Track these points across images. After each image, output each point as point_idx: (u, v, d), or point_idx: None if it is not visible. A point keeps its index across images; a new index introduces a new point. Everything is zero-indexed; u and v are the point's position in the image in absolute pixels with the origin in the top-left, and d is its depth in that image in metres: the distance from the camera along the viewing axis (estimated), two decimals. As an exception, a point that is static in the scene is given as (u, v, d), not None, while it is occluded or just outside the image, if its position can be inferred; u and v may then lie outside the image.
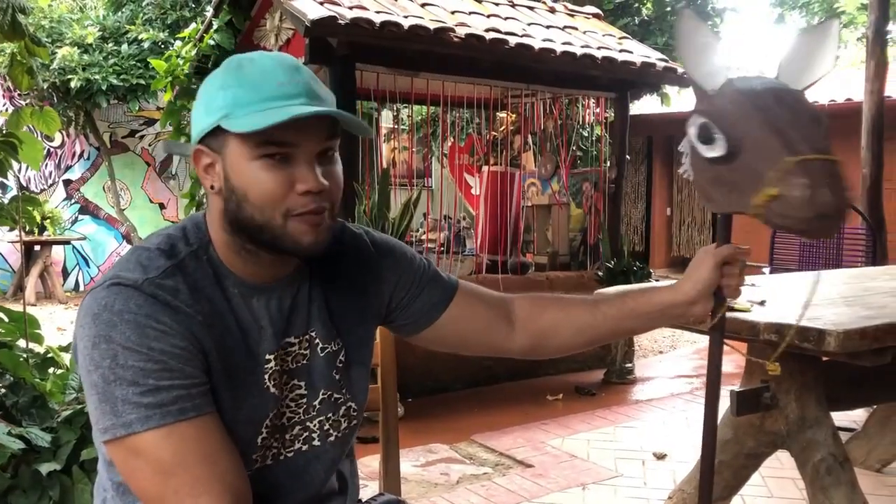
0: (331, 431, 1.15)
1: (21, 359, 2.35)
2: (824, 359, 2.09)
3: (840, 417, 2.64)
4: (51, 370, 2.50)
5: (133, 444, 0.93)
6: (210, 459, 0.94)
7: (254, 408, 1.05)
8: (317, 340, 1.13)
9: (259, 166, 0.97)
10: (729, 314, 1.37)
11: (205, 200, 5.20)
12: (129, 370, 0.93)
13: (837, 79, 10.53)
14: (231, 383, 1.02)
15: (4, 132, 2.55)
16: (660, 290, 1.27)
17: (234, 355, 1.02)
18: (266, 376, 1.06)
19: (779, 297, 2.22)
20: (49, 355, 2.52)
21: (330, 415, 1.14)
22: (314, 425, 1.13)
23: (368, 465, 2.94)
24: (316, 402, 1.13)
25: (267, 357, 1.06)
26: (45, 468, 2.03)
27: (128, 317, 0.94)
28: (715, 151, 1.16)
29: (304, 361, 1.11)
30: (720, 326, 1.30)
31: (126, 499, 1.04)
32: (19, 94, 8.37)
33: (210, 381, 0.99)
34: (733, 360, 3.51)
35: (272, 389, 1.07)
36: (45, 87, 7.90)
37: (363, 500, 1.30)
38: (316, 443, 1.13)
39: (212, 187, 1.03)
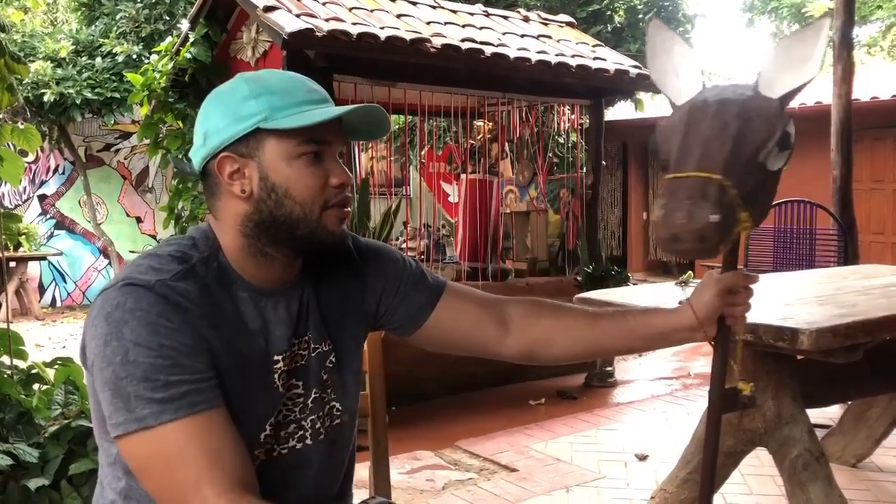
0: (321, 430, 1.18)
1: (5, 375, 2.35)
2: (799, 357, 2.15)
3: (816, 414, 2.70)
4: (36, 386, 2.50)
5: (146, 437, 0.96)
6: (219, 451, 0.97)
7: (263, 406, 1.09)
8: (311, 342, 1.17)
9: (301, 163, 1.06)
10: None
11: (183, 214, 5.16)
12: (139, 366, 0.96)
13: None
14: (242, 383, 1.05)
15: (-16, 149, 2.55)
16: (662, 314, 1.26)
17: (243, 356, 1.06)
18: (276, 376, 1.11)
19: (755, 298, 2.27)
20: (34, 371, 2.52)
21: (319, 413, 1.18)
22: (307, 423, 1.17)
23: (355, 473, 2.95)
24: (309, 402, 1.17)
25: (276, 357, 1.11)
26: (33, 484, 2.03)
27: (139, 314, 0.98)
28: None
29: (303, 362, 1.16)
30: (723, 352, 1.25)
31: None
32: (-7, 111, 8.28)
33: (221, 380, 1.02)
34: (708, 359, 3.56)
35: (281, 389, 1.12)
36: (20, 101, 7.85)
37: (355, 504, 1.33)
38: (309, 441, 1.17)
39: (242, 191, 1.08)
